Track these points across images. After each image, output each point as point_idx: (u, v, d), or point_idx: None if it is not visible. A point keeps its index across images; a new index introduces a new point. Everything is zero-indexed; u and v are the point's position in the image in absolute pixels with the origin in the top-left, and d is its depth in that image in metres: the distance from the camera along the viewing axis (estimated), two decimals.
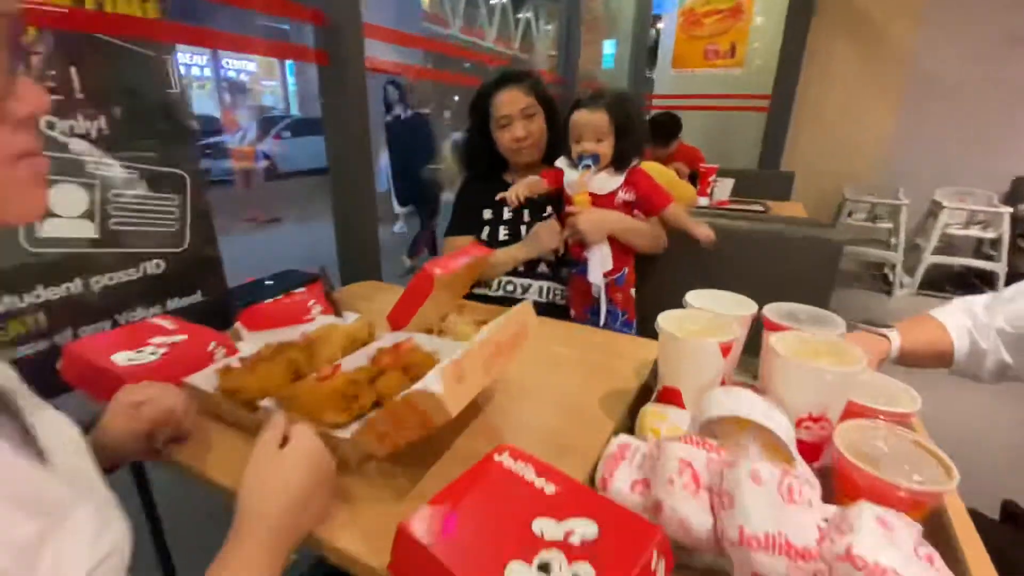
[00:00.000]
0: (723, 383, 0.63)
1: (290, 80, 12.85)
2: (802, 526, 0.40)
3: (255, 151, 7.17)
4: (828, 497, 0.44)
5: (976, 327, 0.77)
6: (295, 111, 11.68)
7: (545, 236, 1.11)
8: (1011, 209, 3.14)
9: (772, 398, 0.55)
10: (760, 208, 2.25)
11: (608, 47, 4.30)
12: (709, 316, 0.63)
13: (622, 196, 1.08)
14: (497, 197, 1.09)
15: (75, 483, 0.35)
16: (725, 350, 0.57)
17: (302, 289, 0.89)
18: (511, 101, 1.14)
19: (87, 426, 0.48)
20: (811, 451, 0.55)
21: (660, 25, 4.07)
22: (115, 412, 0.52)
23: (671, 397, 0.62)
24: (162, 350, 0.66)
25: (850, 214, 3.71)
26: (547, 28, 7.62)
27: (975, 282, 3.39)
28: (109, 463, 0.48)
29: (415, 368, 0.63)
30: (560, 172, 1.11)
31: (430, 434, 0.47)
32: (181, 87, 0.95)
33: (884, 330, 0.78)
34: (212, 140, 7.51)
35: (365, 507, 0.50)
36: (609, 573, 0.34)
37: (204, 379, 0.62)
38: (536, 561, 0.36)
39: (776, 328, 0.62)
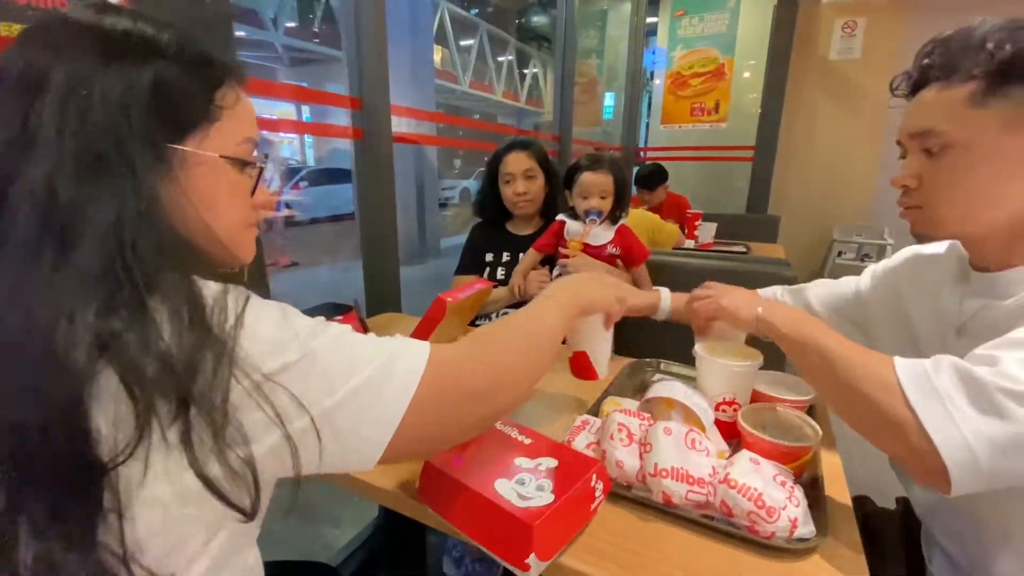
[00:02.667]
0: None
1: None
2: (699, 465, 0.59)
3: (277, 201, 7.61)
4: None
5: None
6: (311, 162, 12.25)
7: (533, 283, 1.32)
8: None
9: (698, 387, 0.74)
10: (742, 249, 2.45)
11: (608, 99, 4.70)
12: None
13: (610, 250, 1.30)
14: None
15: None
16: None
17: (339, 317, 1.10)
18: (516, 162, 1.39)
19: None
20: (729, 429, 0.73)
21: (656, 81, 4.44)
22: None
23: (580, 359, 0.78)
24: None
25: (840, 254, 3.90)
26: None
27: None
28: None
29: None
30: (561, 225, 1.33)
31: None
32: None
33: (658, 288, 0.94)
34: None
35: (398, 465, 0.69)
36: (560, 484, 0.53)
37: None
38: (515, 479, 0.54)
39: None
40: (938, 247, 0.73)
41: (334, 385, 0.39)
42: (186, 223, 0.41)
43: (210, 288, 0.38)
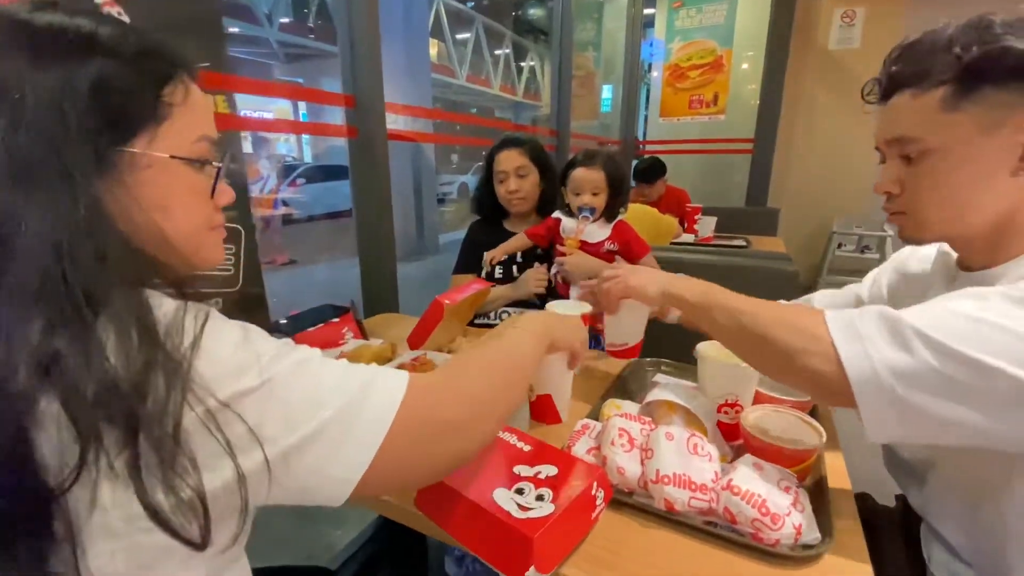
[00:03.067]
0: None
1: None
2: (701, 470, 0.57)
3: (274, 199, 7.56)
4: None
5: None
6: (308, 158, 12.13)
7: (532, 281, 1.31)
8: None
9: (700, 389, 0.73)
10: (742, 243, 2.44)
11: (606, 91, 4.67)
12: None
13: (608, 246, 1.29)
14: (484, 272, 1.34)
15: None
16: (585, 319, 0.84)
17: (336, 320, 1.09)
18: (508, 160, 1.37)
19: None
20: (732, 431, 0.72)
21: (654, 74, 4.40)
22: None
23: (544, 402, 0.79)
24: None
25: (840, 245, 3.89)
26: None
27: None
28: None
29: None
30: (557, 222, 1.32)
31: None
32: (241, 159, 1.18)
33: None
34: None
35: None
36: (560, 494, 0.52)
37: None
38: (514, 488, 0.53)
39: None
40: (929, 247, 0.74)
41: (297, 419, 0.36)
42: (137, 231, 0.39)
43: (166, 305, 0.35)
